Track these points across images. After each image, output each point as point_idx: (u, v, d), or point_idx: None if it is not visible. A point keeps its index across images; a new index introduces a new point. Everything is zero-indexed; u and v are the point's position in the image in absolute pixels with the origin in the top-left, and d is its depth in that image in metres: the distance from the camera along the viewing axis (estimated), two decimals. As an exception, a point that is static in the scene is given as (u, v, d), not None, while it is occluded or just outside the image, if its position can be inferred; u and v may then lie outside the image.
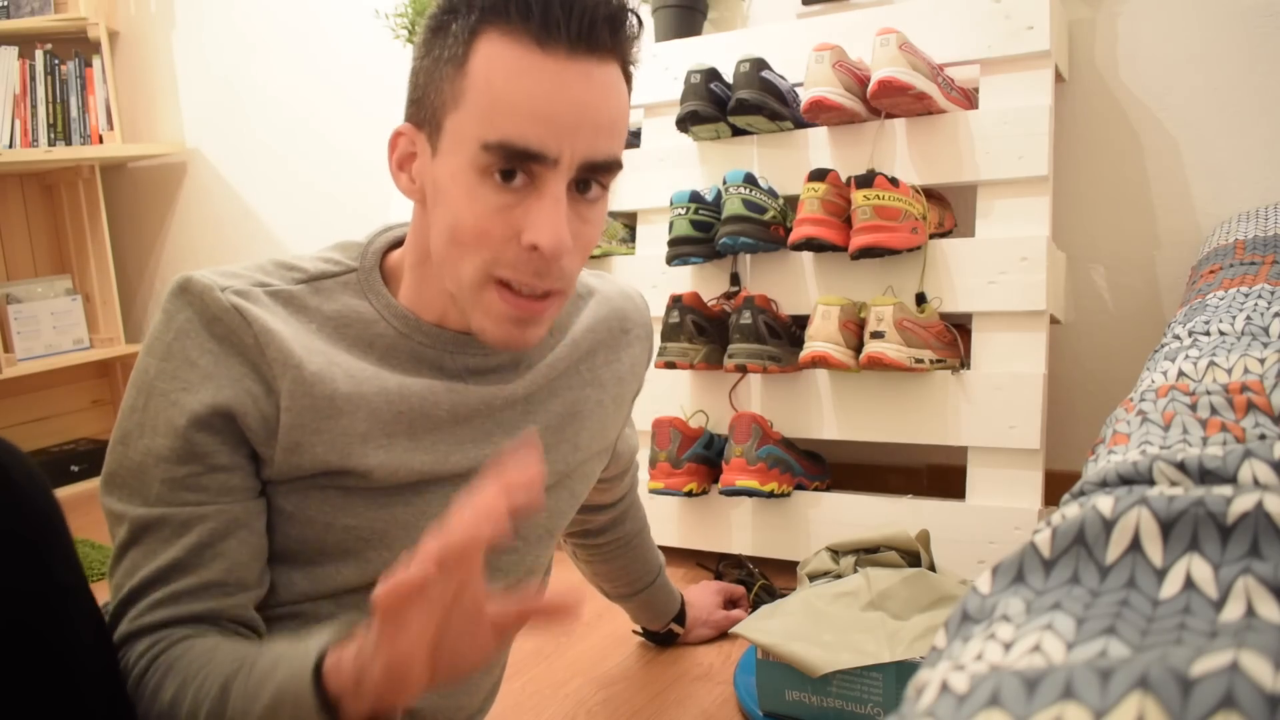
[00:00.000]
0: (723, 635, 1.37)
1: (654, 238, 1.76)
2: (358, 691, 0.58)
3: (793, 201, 1.57)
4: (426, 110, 0.71)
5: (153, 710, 0.66)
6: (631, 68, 0.74)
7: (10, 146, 2.60)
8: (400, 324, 0.77)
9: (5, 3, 2.66)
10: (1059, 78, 1.57)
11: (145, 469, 0.70)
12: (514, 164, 0.67)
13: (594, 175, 0.71)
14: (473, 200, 0.69)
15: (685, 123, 1.65)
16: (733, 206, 1.54)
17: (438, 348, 0.78)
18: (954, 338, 1.51)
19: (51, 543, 0.60)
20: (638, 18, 0.72)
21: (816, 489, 1.62)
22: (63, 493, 2.35)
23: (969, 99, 1.56)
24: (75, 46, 2.70)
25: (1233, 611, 0.37)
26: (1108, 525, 0.43)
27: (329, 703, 0.59)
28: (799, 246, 1.53)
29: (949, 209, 1.61)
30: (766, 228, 1.55)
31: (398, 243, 0.81)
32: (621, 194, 1.80)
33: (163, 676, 0.66)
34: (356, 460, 0.73)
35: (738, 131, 1.68)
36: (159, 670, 0.67)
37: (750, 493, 1.50)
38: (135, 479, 0.70)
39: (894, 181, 1.46)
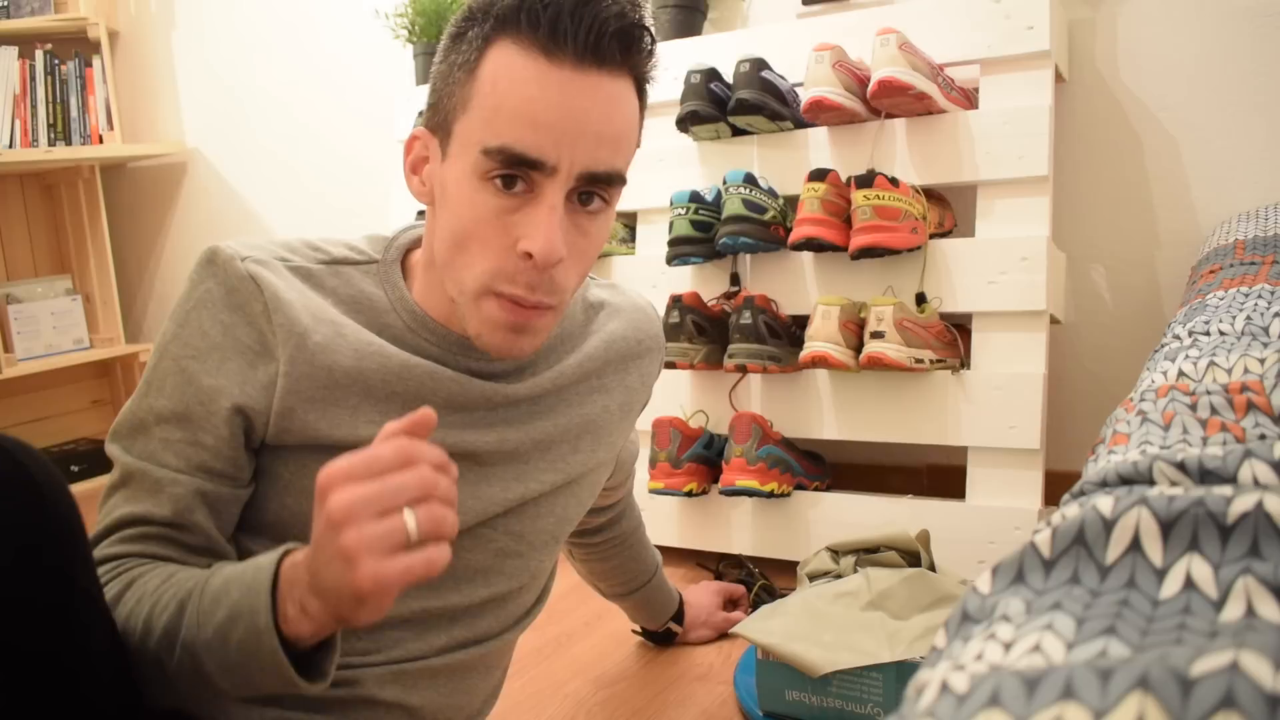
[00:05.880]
0: (722, 635, 1.37)
1: (654, 238, 1.76)
2: (305, 599, 0.60)
3: (793, 201, 1.57)
4: (440, 115, 0.73)
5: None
6: (646, 83, 0.74)
7: (10, 146, 2.60)
8: (409, 318, 0.78)
9: (5, 3, 2.66)
10: (1059, 78, 1.57)
11: (144, 424, 0.73)
12: (512, 169, 0.68)
13: (594, 187, 0.71)
14: (474, 205, 0.70)
15: (685, 123, 1.65)
16: (733, 206, 1.54)
17: (442, 347, 0.78)
18: (954, 338, 1.51)
19: (74, 548, 0.61)
20: (650, 34, 0.72)
21: (816, 489, 1.62)
22: (63, 493, 2.35)
23: (969, 99, 1.56)
24: (75, 46, 2.70)
25: (1233, 611, 0.37)
26: (1108, 525, 0.43)
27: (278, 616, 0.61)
28: (799, 246, 1.53)
29: (949, 209, 1.61)
30: (766, 228, 1.55)
31: (421, 241, 0.82)
32: (622, 194, 1.80)
33: (123, 589, 0.69)
34: (346, 431, 0.74)
35: (738, 131, 1.68)
36: (120, 583, 0.69)
37: (750, 493, 1.50)
38: (131, 430, 0.74)
39: (894, 181, 1.46)
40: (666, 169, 1.75)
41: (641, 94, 0.74)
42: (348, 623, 0.60)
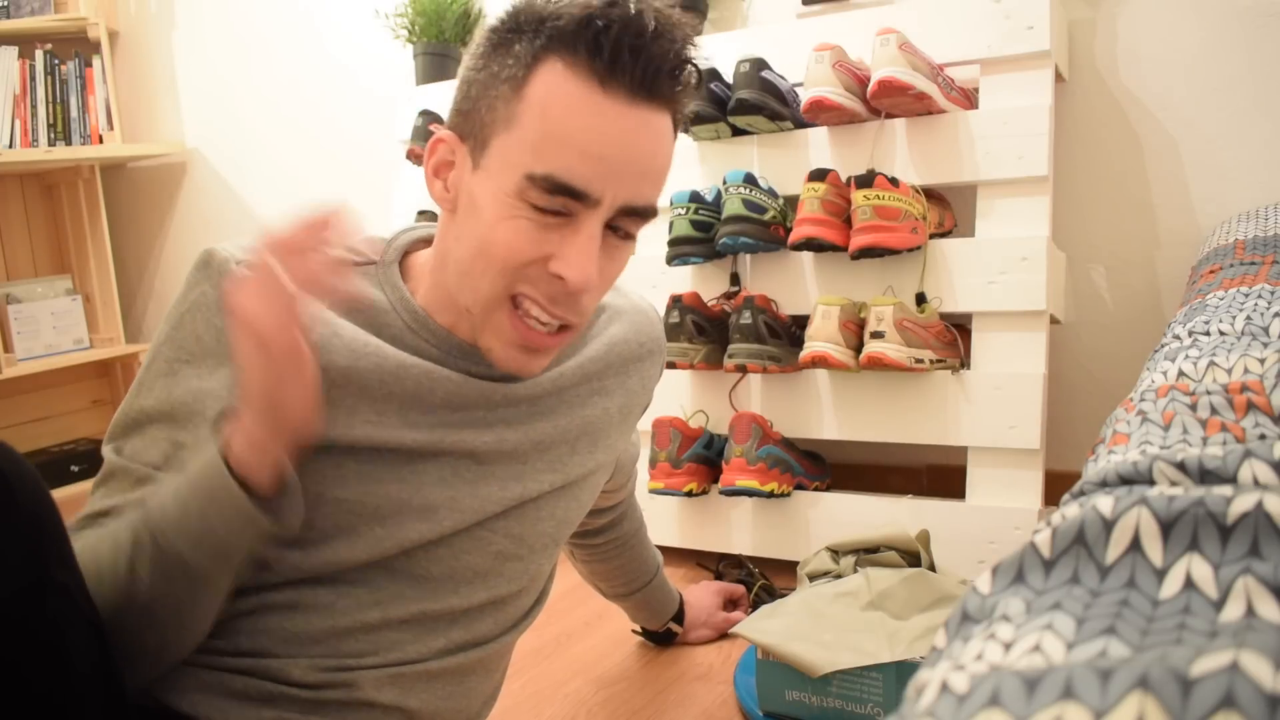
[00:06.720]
0: (722, 635, 1.37)
1: (654, 238, 1.76)
2: (243, 426, 0.65)
3: (793, 201, 1.57)
4: (474, 124, 0.72)
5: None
6: (680, 117, 0.75)
7: (10, 146, 2.60)
8: (410, 319, 0.78)
9: (5, 3, 2.66)
10: (1059, 78, 1.57)
11: (135, 423, 0.74)
12: (555, 198, 0.68)
13: (628, 219, 0.72)
14: (508, 222, 0.69)
15: (685, 123, 1.64)
16: (733, 206, 1.54)
17: (442, 349, 0.78)
18: (954, 338, 1.51)
19: (47, 541, 0.61)
20: (699, 73, 0.73)
21: (816, 489, 1.62)
22: (63, 493, 2.35)
23: (969, 99, 1.56)
24: (75, 46, 2.70)
25: (1233, 611, 0.37)
26: (1108, 525, 0.43)
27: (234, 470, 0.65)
28: (799, 246, 1.53)
29: (949, 209, 1.61)
30: (766, 228, 1.55)
31: (421, 242, 0.82)
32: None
33: (89, 538, 0.70)
34: (342, 431, 0.74)
35: (738, 131, 1.68)
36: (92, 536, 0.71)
37: (750, 493, 1.50)
38: (124, 430, 0.75)
39: (894, 181, 1.46)
40: (666, 169, 1.74)
41: (676, 126, 0.75)
42: (285, 429, 0.65)
